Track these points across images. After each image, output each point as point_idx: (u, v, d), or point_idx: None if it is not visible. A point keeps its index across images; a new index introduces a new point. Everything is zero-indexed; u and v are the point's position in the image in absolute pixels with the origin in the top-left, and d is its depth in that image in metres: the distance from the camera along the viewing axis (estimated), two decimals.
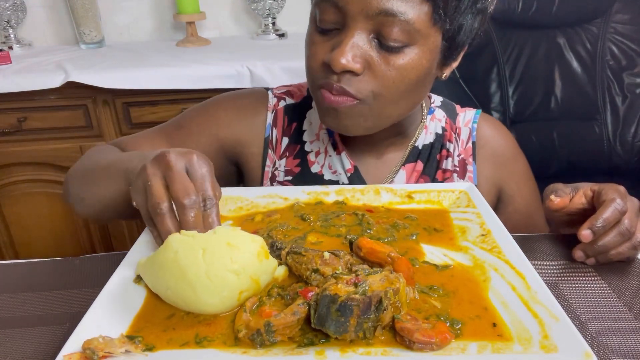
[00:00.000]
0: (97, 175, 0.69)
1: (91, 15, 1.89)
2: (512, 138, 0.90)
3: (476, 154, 0.85)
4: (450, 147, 0.85)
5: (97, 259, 0.67)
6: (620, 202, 0.60)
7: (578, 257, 0.63)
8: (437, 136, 0.85)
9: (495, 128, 0.88)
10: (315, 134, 0.84)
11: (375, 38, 0.65)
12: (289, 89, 0.89)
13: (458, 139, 0.86)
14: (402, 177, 0.83)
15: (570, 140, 1.44)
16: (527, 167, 0.90)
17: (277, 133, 0.85)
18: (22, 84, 1.54)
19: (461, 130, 0.86)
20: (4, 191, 1.72)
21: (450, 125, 0.86)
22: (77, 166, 0.78)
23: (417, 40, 0.65)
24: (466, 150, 0.85)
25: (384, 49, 0.65)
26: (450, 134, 0.85)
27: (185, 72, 1.59)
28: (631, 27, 1.42)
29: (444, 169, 0.84)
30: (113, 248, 1.84)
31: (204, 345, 0.44)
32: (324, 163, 0.83)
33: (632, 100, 1.42)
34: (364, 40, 0.65)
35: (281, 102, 0.86)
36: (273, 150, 0.85)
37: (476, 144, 0.86)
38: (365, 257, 0.54)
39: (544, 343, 0.42)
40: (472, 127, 0.86)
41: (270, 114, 0.85)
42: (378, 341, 0.43)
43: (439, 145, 0.85)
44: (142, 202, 0.54)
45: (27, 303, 0.58)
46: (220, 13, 2.10)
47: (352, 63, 0.64)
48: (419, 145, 0.84)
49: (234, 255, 0.47)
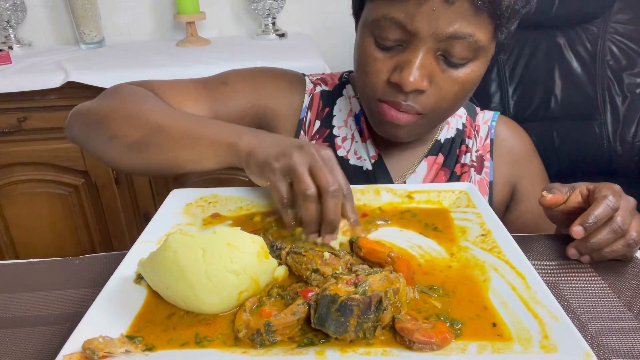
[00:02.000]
0: (173, 134, 0.65)
1: (91, 15, 1.89)
2: (528, 139, 0.93)
3: (493, 151, 0.88)
4: (470, 142, 0.88)
5: (97, 259, 0.67)
6: (612, 199, 0.60)
7: (571, 254, 0.63)
8: (458, 132, 0.88)
9: (513, 128, 0.92)
10: (344, 120, 0.88)
11: (442, 55, 0.67)
12: (322, 77, 0.93)
13: (477, 136, 0.89)
14: (423, 168, 0.86)
15: (570, 140, 1.44)
16: (542, 168, 0.93)
17: (311, 115, 0.88)
18: (22, 84, 1.54)
19: (480, 127, 0.90)
20: (4, 191, 1.72)
21: (470, 123, 0.90)
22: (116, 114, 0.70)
23: (480, 54, 0.68)
24: (484, 147, 0.88)
25: (449, 65, 0.68)
26: (470, 130, 0.89)
27: (185, 72, 1.59)
28: (631, 27, 1.42)
29: (462, 163, 0.87)
30: (113, 248, 1.84)
31: (204, 345, 0.44)
32: (350, 148, 0.86)
33: (632, 100, 1.42)
34: (431, 58, 0.67)
35: (317, 87, 0.90)
36: (305, 132, 0.88)
37: (494, 141, 0.89)
38: (365, 257, 0.54)
39: (544, 343, 0.42)
40: (491, 125, 0.90)
41: (307, 97, 0.88)
42: (378, 341, 0.43)
43: (459, 140, 0.88)
44: (284, 186, 0.57)
45: (27, 303, 0.58)
46: (220, 13, 2.10)
47: (422, 83, 0.67)
48: (441, 139, 0.87)
49: (234, 256, 0.47)
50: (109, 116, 0.70)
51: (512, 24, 0.69)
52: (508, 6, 0.65)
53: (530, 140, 0.93)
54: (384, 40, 0.68)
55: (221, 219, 0.67)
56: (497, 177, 0.88)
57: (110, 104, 0.73)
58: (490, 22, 0.65)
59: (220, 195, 0.69)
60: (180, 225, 0.63)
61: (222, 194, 0.69)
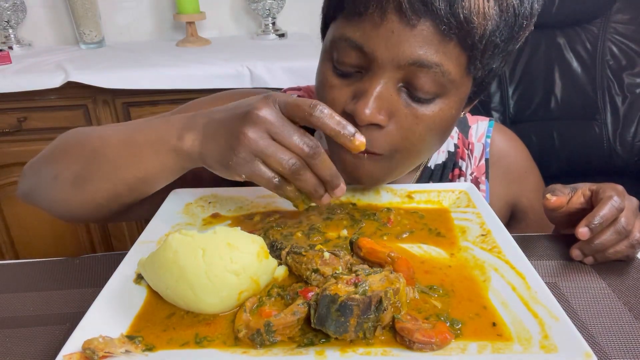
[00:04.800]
0: (110, 155, 0.60)
1: (91, 15, 1.89)
2: (525, 151, 0.88)
3: (489, 172, 0.83)
4: (463, 165, 0.82)
5: (97, 259, 0.67)
6: (617, 200, 0.60)
7: (575, 255, 0.63)
8: (450, 154, 0.82)
9: (509, 141, 0.86)
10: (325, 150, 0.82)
11: (404, 87, 0.59)
12: (299, 95, 0.84)
13: (471, 156, 0.82)
14: None
15: (570, 140, 1.44)
16: (539, 180, 0.89)
17: None
18: (22, 84, 1.54)
19: (474, 146, 0.83)
20: (4, 191, 1.72)
21: (462, 141, 0.83)
22: (57, 152, 0.67)
23: (450, 90, 0.59)
24: (479, 168, 0.82)
25: (413, 99, 0.59)
26: (463, 151, 0.82)
27: (185, 72, 1.59)
28: (631, 27, 1.42)
29: None
30: (113, 248, 1.84)
31: (204, 345, 0.44)
32: None
33: (632, 100, 1.43)
34: (391, 89, 0.58)
35: None
36: None
37: (489, 161, 0.83)
38: (365, 257, 0.54)
39: (544, 343, 0.42)
40: (486, 143, 0.83)
41: None
42: (378, 341, 0.43)
43: (451, 164, 0.82)
44: (261, 170, 0.51)
45: (27, 303, 0.58)
46: (220, 13, 2.10)
47: (378, 116, 0.58)
48: (431, 166, 0.81)
49: (234, 256, 0.47)
50: (50, 157, 0.67)
51: (491, 59, 0.60)
52: (482, 36, 0.56)
53: (527, 152, 0.88)
54: (342, 65, 0.60)
55: (221, 219, 0.67)
56: (494, 200, 0.83)
57: (52, 147, 0.69)
58: (461, 53, 0.57)
59: (220, 195, 0.69)
60: (180, 225, 0.63)
61: (222, 194, 0.69)
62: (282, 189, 0.53)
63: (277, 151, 0.50)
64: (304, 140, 0.51)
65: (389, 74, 0.57)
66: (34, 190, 0.69)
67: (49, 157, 0.68)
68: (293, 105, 0.52)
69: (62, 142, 0.69)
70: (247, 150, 0.50)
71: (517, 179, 0.85)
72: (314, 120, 0.51)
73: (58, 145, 0.68)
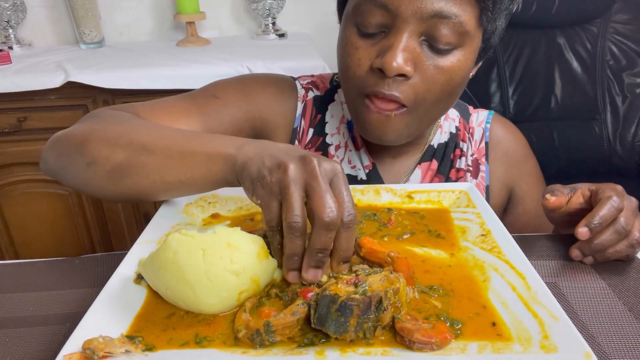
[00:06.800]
0: (159, 154, 0.59)
1: (91, 15, 1.89)
2: (523, 139, 0.91)
3: (489, 154, 0.87)
4: (464, 146, 0.86)
5: (97, 259, 0.67)
6: (617, 200, 0.60)
7: (575, 255, 0.63)
8: (451, 135, 0.86)
9: (508, 129, 0.90)
10: (336, 127, 0.85)
11: (426, 40, 0.65)
12: (313, 80, 0.88)
13: (471, 139, 0.87)
14: (417, 176, 0.84)
15: (570, 140, 1.44)
16: (537, 168, 0.92)
17: (304, 124, 0.85)
18: (22, 84, 1.54)
19: (474, 130, 0.88)
20: (4, 191, 1.72)
21: (463, 125, 0.87)
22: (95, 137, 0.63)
23: (466, 42, 0.65)
24: (479, 150, 0.87)
25: (434, 51, 0.65)
26: (464, 133, 0.87)
27: (185, 72, 1.59)
28: (631, 27, 1.42)
29: (458, 168, 0.85)
30: (113, 248, 1.84)
31: (204, 345, 0.44)
32: (343, 157, 0.84)
33: (632, 100, 1.42)
34: (415, 42, 0.64)
35: (309, 93, 0.86)
36: (299, 141, 0.85)
37: (489, 144, 0.87)
38: (365, 257, 0.54)
39: (544, 343, 0.42)
40: (485, 127, 0.88)
41: (300, 105, 0.85)
42: (378, 341, 0.43)
43: (453, 145, 0.86)
44: (274, 206, 0.48)
45: (27, 303, 0.58)
46: (220, 13, 2.10)
47: (405, 67, 0.63)
48: (434, 144, 0.85)
49: (234, 256, 0.47)
50: (87, 140, 0.63)
51: (498, 14, 0.67)
52: None
53: (525, 140, 0.92)
54: (366, 26, 0.65)
55: (221, 219, 0.67)
56: (493, 181, 0.87)
57: (89, 128, 0.65)
58: (475, 5, 0.63)
59: (220, 195, 0.69)
60: (180, 225, 0.63)
61: (222, 194, 0.69)
62: (274, 233, 0.50)
63: (294, 201, 0.46)
64: (341, 203, 0.48)
65: (412, 27, 0.63)
66: (64, 169, 0.66)
67: (85, 139, 0.63)
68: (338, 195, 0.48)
69: (101, 126, 0.65)
70: (279, 181, 0.47)
71: (516, 163, 0.88)
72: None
73: (95, 129, 0.64)
